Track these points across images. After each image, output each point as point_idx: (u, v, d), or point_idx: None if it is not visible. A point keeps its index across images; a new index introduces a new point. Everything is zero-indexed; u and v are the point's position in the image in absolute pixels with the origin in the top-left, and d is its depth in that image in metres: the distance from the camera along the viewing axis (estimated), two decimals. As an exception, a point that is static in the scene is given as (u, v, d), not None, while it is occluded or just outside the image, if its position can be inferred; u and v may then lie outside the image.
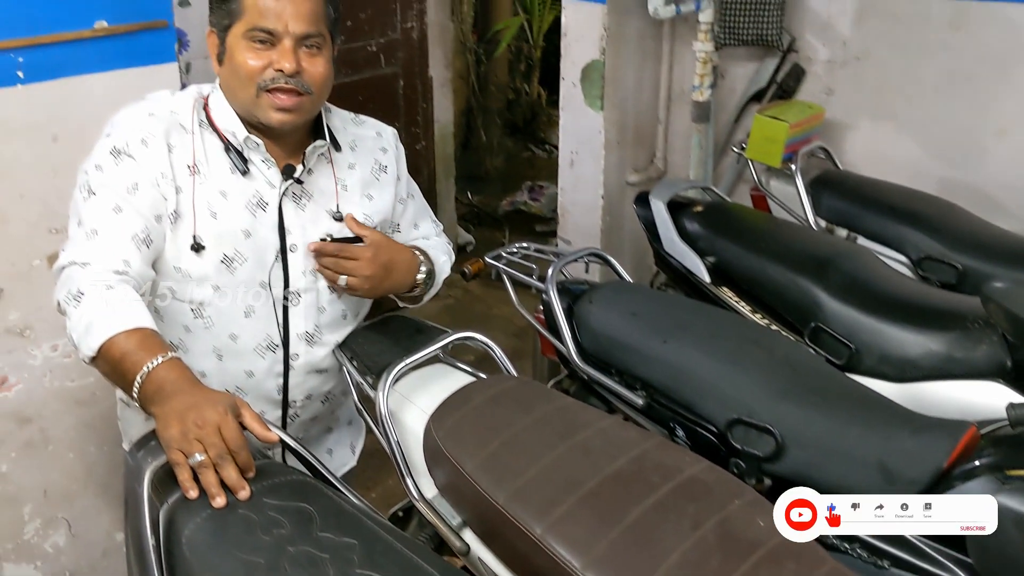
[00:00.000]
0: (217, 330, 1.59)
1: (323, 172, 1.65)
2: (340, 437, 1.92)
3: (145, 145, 1.49)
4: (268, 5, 1.47)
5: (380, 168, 1.73)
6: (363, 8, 3.56)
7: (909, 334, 1.88)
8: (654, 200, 2.38)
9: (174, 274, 1.54)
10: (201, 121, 1.56)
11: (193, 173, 1.53)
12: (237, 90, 1.52)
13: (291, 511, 1.23)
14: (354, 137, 1.71)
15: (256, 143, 1.55)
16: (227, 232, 1.54)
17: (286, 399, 1.69)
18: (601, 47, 3.00)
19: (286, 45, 1.48)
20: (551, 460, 1.40)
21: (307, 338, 1.66)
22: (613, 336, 1.90)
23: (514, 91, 6.29)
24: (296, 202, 1.61)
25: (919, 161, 2.74)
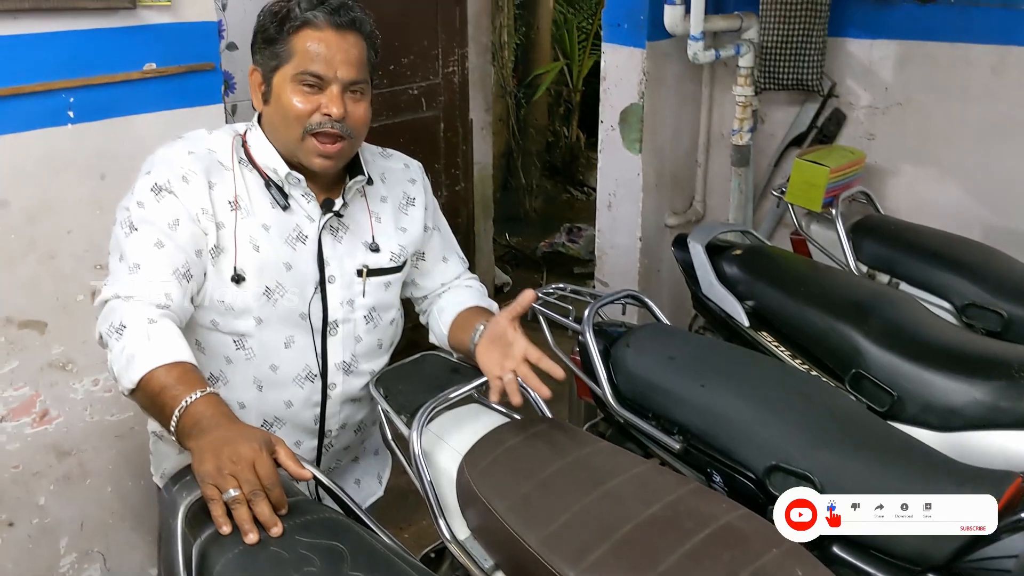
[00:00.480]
0: (258, 361, 1.61)
1: (358, 205, 1.68)
2: (368, 467, 1.93)
3: (186, 182, 1.52)
4: (319, 51, 1.50)
5: (409, 200, 1.76)
6: (406, 54, 3.61)
7: (953, 382, 1.84)
8: (692, 243, 2.36)
9: (217, 307, 1.57)
10: (241, 159, 1.59)
11: (235, 208, 1.55)
12: (281, 130, 1.55)
13: (322, 549, 1.22)
14: (383, 170, 1.74)
15: (297, 179, 1.58)
16: (269, 264, 1.57)
17: (322, 429, 1.71)
18: (640, 91, 3.02)
19: (334, 91, 1.51)
20: (585, 504, 1.38)
21: (344, 367, 1.68)
22: (650, 379, 1.88)
23: (553, 134, 6.35)
24: (334, 235, 1.63)
25: (962, 207, 2.70)
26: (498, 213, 4.77)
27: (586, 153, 6.34)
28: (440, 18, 3.73)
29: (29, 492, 2.05)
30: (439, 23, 3.73)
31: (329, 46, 1.51)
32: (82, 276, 2.00)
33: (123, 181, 1.82)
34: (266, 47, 1.54)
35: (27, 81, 1.82)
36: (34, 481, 2.05)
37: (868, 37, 2.82)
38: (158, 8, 1.94)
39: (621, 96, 3.08)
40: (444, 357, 1.85)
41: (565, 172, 6.47)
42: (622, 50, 3.03)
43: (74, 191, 1.96)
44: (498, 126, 5.47)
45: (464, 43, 3.88)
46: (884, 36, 2.79)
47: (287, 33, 1.51)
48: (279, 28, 1.52)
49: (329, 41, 1.51)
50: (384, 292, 1.71)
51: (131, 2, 1.89)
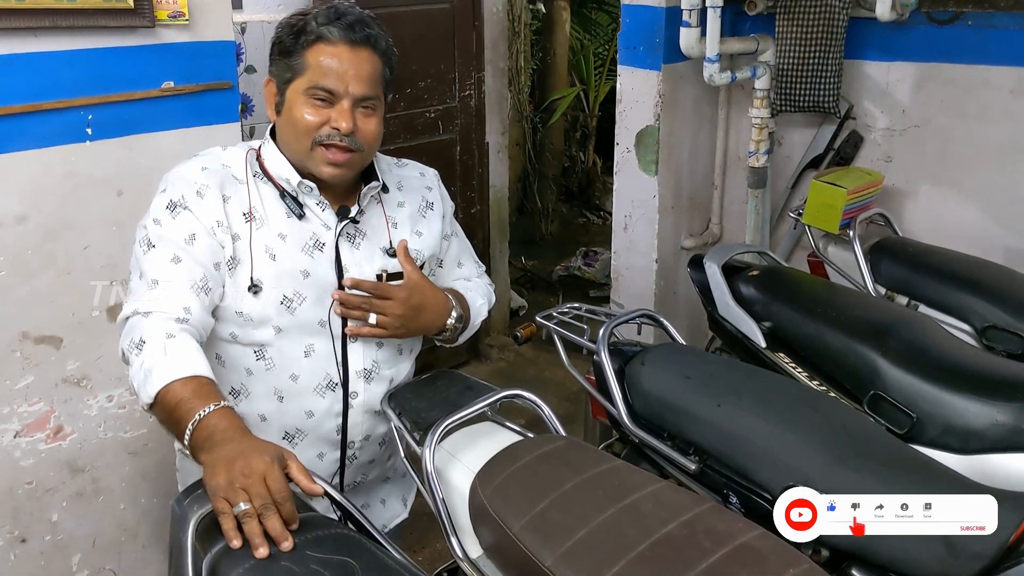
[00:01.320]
0: (278, 371, 1.62)
1: (374, 211, 1.69)
2: (395, 488, 1.92)
3: (200, 197, 1.54)
4: (332, 65, 1.52)
5: (427, 205, 1.77)
6: (423, 77, 3.64)
7: (974, 404, 1.81)
8: (708, 263, 2.35)
9: (236, 318, 1.58)
10: (255, 172, 1.62)
11: (250, 220, 1.57)
12: (291, 141, 1.58)
13: (334, 565, 1.20)
14: (399, 178, 1.76)
15: (309, 187, 1.60)
16: (286, 273, 1.58)
17: (344, 440, 1.70)
18: (656, 113, 3.02)
19: (344, 105, 1.53)
20: (600, 522, 1.36)
21: (365, 375, 1.68)
22: (665, 399, 1.86)
23: (569, 158, 6.37)
24: (351, 241, 1.65)
25: (982, 229, 2.68)
26: (514, 236, 4.77)
27: (602, 178, 6.35)
28: (457, 42, 3.76)
29: (42, 508, 2.05)
30: (456, 47, 3.76)
31: (342, 61, 1.52)
32: (98, 292, 2.01)
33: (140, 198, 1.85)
34: (281, 59, 1.57)
35: (47, 98, 1.84)
36: (47, 497, 2.05)
37: (885, 59, 2.82)
38: (177, 27, 1.96)
39: (637, 118, 3.09)
40: (458, 375, 1.84)
41: (581, 196, 6.49)
42: (638, 72, 3.04)
43: (92, 207, 1.97)
44: (515, 150, 5.49)
45: (481, 67, 3.91)
46: (901, 58, 2.78)
47: (302, 46, 1.54)
48: (294, 41, 1.54)
49: (342, 56, 1.53)
50: None
51: (150, 21, 1.91)
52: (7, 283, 1.92)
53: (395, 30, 3.49)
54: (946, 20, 2.67)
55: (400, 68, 3.57)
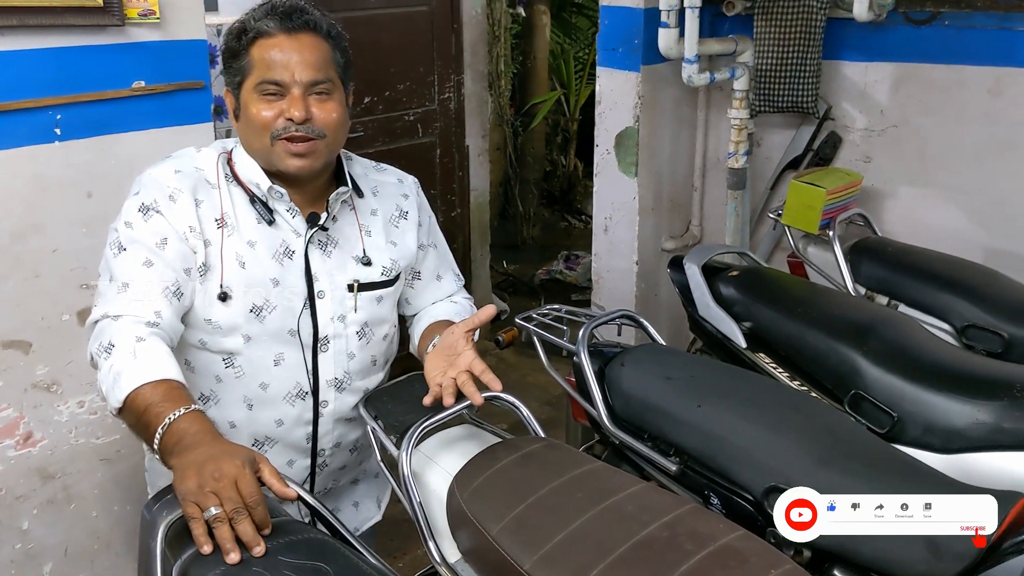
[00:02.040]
0: (248, 379, 1.60)
1: (347, 219, 1.66)
2: (367, 490, 1.90)
3: (172, 201, 1.51)
4: (275, 58, 1.51)
5: (401, 214, 1.74)
6: (402, 80, 3.62)
7: (955, 403, 1.80)
8: (688, 264, 2.34)
9: (204, 326, 1.56)
10: (227, 175, 1.59)
11: (221, 226, 1.55)
12: (253, 141, 1.55)
13: (307, 570, 1.19)
14: (376, 183, 1.73)
15: (280, 192, 1.57)
16: (255, 281, 1.56)
17: (315, 448, 1.68)
18: (635, 114, 3.01)
19: (295, 94, 1.51)
20: (580, 524, 1.34)
21: (336, 384, 1.66)
22: (646, 400, 1.84)
23: (551, 163, 6.36)
24: (322, 249, 1.62)
25: (961, 229, 2.68)
26: (496, 241, 4.76)
27: (583, 182, 6.36)
28: (436, 44, 3.75)
29: (12, 516, 2.01)
30: (435, 50, 3.75)
31: (284, 51, 1.51)
32: (68, 296, 1.97)
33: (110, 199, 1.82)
34: (231, 64, 1.56)
35: (14, 98, 1.81)
36: (17, 505, 2.01)
37: (863, 60, 2.82)
38: (147, 26, 1.93)
39: (616, 120, 3.08)
40: (436, 377, 1.81)
41: (563, 201, 6.49)
42: (617, 74, 3.03)
43: (60, 209, 1.94)
44: (496, 155, 5.48)
45: (460, 70, 3.89)
46: (879, 59, 2.79)
47: (245, 46, 1.52)
48: (238, 42, 1.53)
49: (283, 46, 1.51)
50: (377, 307, 1.69)
51: (120, 19, 1.88)
52: (-26, 286, 1.88)
53: (373, 33, 3.50)
54: (923, 20, 2.67)
55: (378, 71, 3.58)
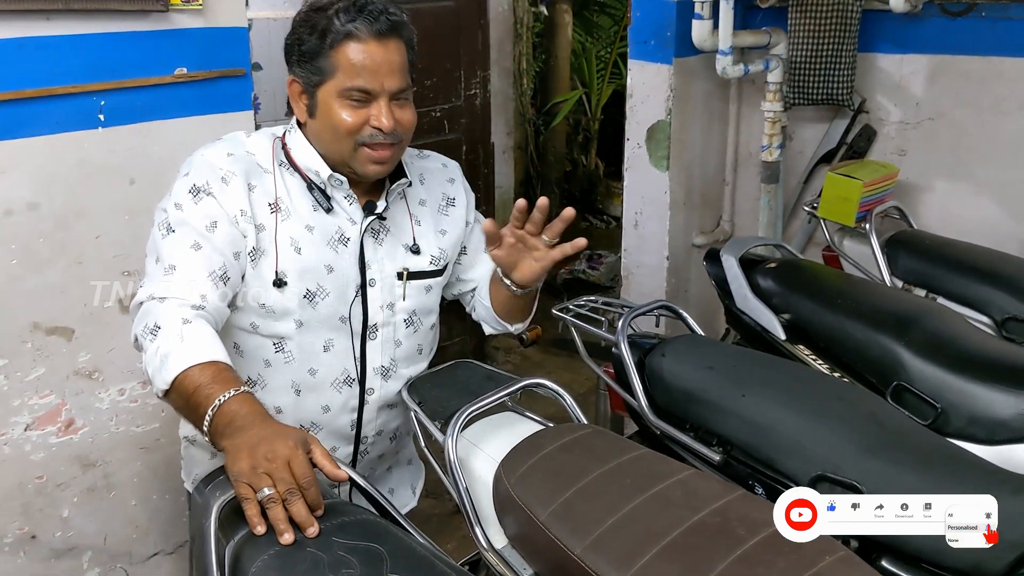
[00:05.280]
0: (297, 364, 1.60)
1: (398, 208, 1.66)
2: (401, 477, 1.90)
3: (225, 183, 1.50)
4: (364, 64, 1.47)
5: (449, 202, 1.75)
6: (429, 76, 3.62)
7: (1000, 394, 1.78)
8: (725, 256, 2.32)
9: (257, 309, 1.55)
10: (281, 162, 1.58)
11: (275, 211, 1.54)
12: (331, 143, 1.54)
13: (361, 550, 1.18)
14: (421, 171, 1.73)
15: (339, 180, 1.57)
16: (310, 267, 1.56)
17: (358, 435, 1.68)
18: (667, 107, 2.99)
19: (382, 104, 1.49)
20: (629, 510, 1.33)
21: (383, 372, 1.66)
22: (688, 390, 1.83)
23: (572, 163, 6.35)
24: (375, 238, 1.62)
25: (998, 222, 2.65)
26: (517, 240, 4.73)
27: (605, 182, 6.33)
28: (463, 41, 3.74)
29: (53, 504, 2.02)
30: (462, 46, 3.74)
31: (374, 58, 1.48)
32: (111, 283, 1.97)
33: (153, 186, 1.82)
34: (307, 61, 1.52)
35: (58, 83, 1.81)
36: (58, 492, 2.01)
37: (898, 52, 2.79)
38: (190, 12, 1.93)
39: (648, 113, 3.06)
40: (478, 365, 1.82)
41: (584, 201, 6.47)
42: (649, 67, 3.01)
43: (103, 196, 1.94)
44: (517, 154, 5.47)
45: (486, 66, 3.88)
46: (914, 51, 2.76)
47: (329, 47, 1.49)
48: (319, 43, 1.49)
49: (373, 53, 1.48)
50: (425, 296, 1.69)
51: (163, 5, 1.89)
52: (17, 273, 1.89)
53: (400, 27, 3.48)
54: (959, 12, 2.65)
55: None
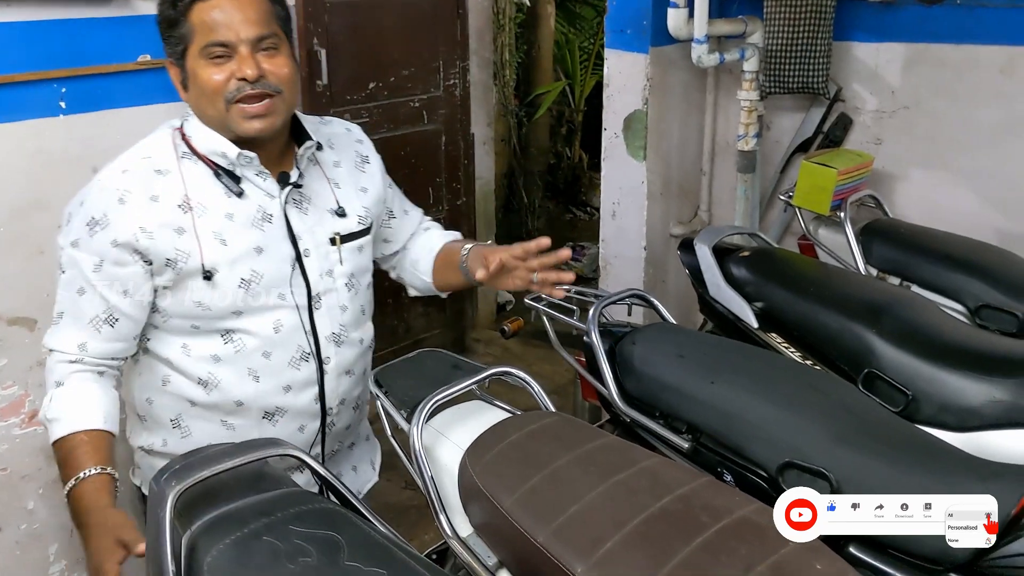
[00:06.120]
0: (250, 352, 1.58)
1: (314, 174, 1.64)
2: (362, 453, 1.89)
3: (122, 204, 1.48)
4: (216, 18, 1.46)
5: (363, 160, 1.74)
6: (407, 65, 3.60)
7: (971, 381, 1.78)
8: (699, 245, 2.32)
9: (195, 310, 1.54)
10: (184, 153, 1.55)
11: (188, 209, 1.51)
12: (207, 108, 1.51)
13: (318, 539, 1.18)
14: (328, 136, 1.71)
15: (249, 158, 1.53)
16: (239, 255, 1.53)
17: (324, 408, 1.66)
18: (644, 97, 2.98)
19: (243, 52, 1.47)
20: (594, 498, 1.33)
21: (335, 339, 1.65)
22: (657, 377, 1.83)
23: (555, 155, 6.33)
24: (299, 207, 1.60)
25: (973, 211, 2.66)
26: (501, 233, 4.74)
27: (588, 174, 6.33)
28: (441, 30, 3.72)
29: (18, 496, 2.00)
30: (440, 35, 3.72)
31: (224, 10, 1.46)
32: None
33: (116, 174, 1.78)
34: (170, 34, 1.51)
35: (18, 70, 1.79)
36: (23, 485, 2.00)
37: (874, 40, 2.79)
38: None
39: (624, 102, 3.05)
40: (446, 354, 1.82)
41: (567, 193, 6.46)
42: (625, 56, 3.00)
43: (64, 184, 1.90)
44: (500, 146, 5.45)
45: (465, 56, 3.87)
46: (890, 39, 2.76)
47: (182, 12, 1.48)
48: (174, 9, 1.48)
49: (222, 6, 1.47)
50: (359, 256, 1.69)
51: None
52: (-24, 263, 1.86)
53: (377, 17, 3.48)
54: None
55: (382, 56, 3.56)
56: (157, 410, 1.63)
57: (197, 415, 1.61)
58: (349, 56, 3.34)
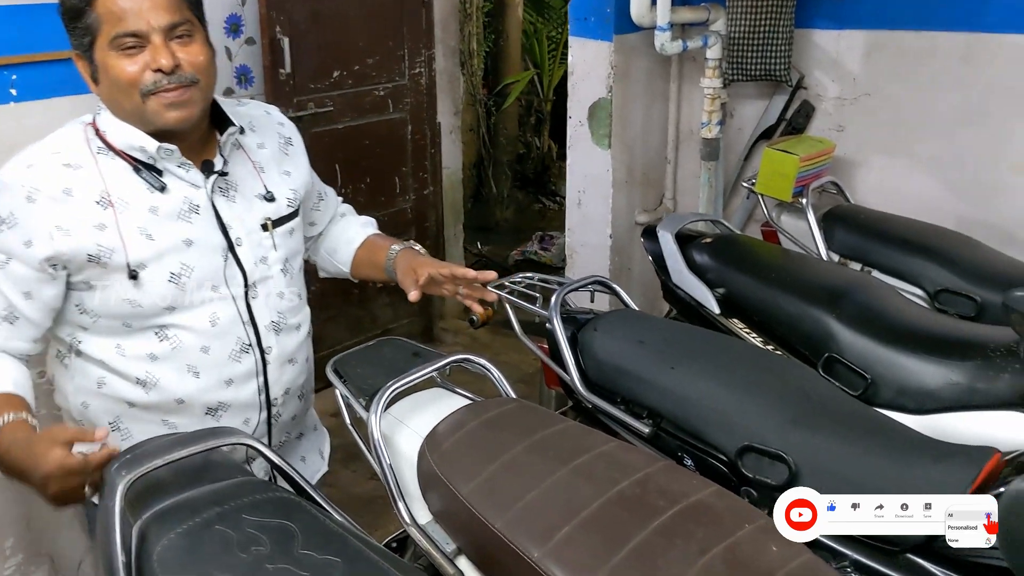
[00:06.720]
0: (187, 348, 1.53)
1: (238, 159, 1.60)
2: (311, 443, 1.87)
3: (31, 202, 1.43)
4: (124, 6, 1.39)
5: (286, 142, 1.71)
6: (371, 54, 3.57)
7: (928, 364, 1.80)
8: (662, 232, 2.33)
9: (126, 308, 1.49)
10: (99, 148, 1.49)
11: (109, 205, 1.45)
12: (122, 102, 1.45)
13: (272, 528, 1.17)
14: (248, 118, 1.66)
15: (169, 151, 1.48)
16: (167, 249, 1.48)
17: (268, 399, 1.63)
18: (608, 85, 2.98)
19: (156, 42, 1.41)
20: (551, 483, 1.33)
21: (275, 327, 1.61)
22: (618, 364, 1.83)
23: (524, 144, 6.33)
24: (226, 195, 1.56)
25: (933, 197, 2.68)
26: (470, 223, 4.72)
27: (558, 163, 6.33)
28: (406, 19, 3.70)
29: (-29, 491, 1.96)
30: (405, 24, 3.70)
31: None
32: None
33: (69, 163, 1.74)
34: (75, 25, 1.43)
35: (-34, 57, 1.75)
36: (-25, 477, 1.96)
37: (835, 28, 2.80)
38: (107, -17, 1.88)
39: (589, 91, 3.05)
40: (405, 342, 1.80)
41: (537, 182, 6.46)
42: (589, 44, 3.00)
43: (16, 173, 1.88)
44: (469, 136, 5.44)
45: (431, 45, 3.84)
46: (851, 26, 2.77)
47: (86, 1, 1.41)
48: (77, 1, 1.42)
49: None
50: (291, 240, 1.66)
51: (80, -25, 1.82)
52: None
53: (341, 5, 3.45)
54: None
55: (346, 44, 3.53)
56: (94, 414, 1.57)
57: (136, 416, 1.55)
58: (313, 44, 3.31)
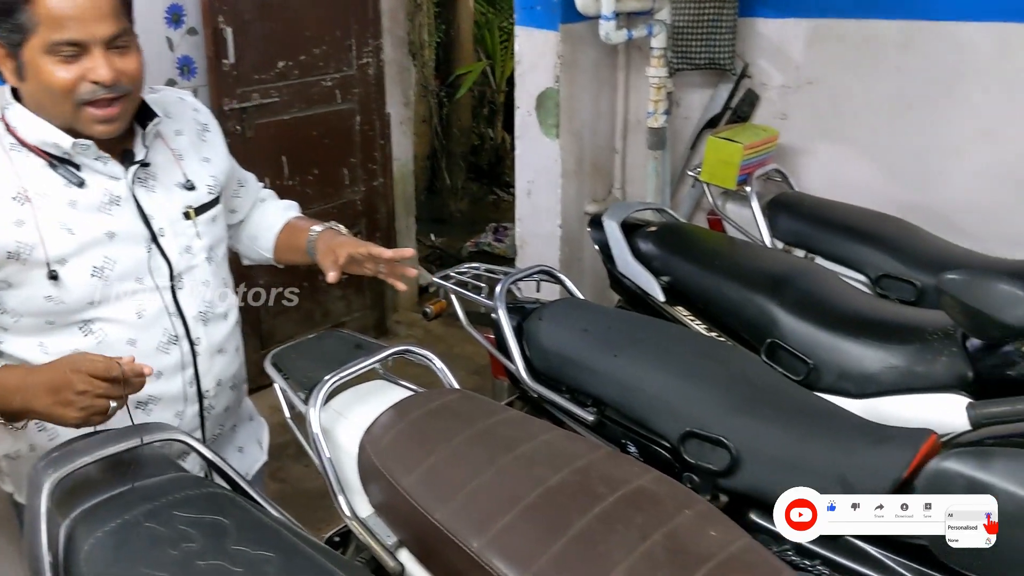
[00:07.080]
0: (112, 342, 1.49)
1: (157, 148, 1.56)
2: (247, 434, 1.84)
3: None
4: (65, 12, 1.33)
5: (203, 128, 1.67)
6: (317, 44, 3.53)
7: (868, 349, 1.83)
8: (607, 221, 2.33)
9: (47, 305, 1.44)
10: (12, 144, 1.44)
11: (25, 201, 1.41)
12: (51, 106, 1.40)
13: (204, 524, 1.15)
14: (163, 105, 1.61)
15: (85, 146, 1.43)
16: (88, 243, 1.44)
17: (200, 391, 1.59)
18: (555, 75, 2.98)
19: (97, 54, 1.36)
20: (492, 473, 1.33)
21: (202, 318, 1.58)
22: (563, 352, 1.83)
23: (478, 136, 6.31)
24: (145, 186, 1.52)
25: (875, 183, 2.71)
26: (423, 215, 4.70)
27: (512, 155, 6.29)
28: (352, 8, 3.66)
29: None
30: (351, 13, 3.66)
31: (76, 4, 1.34)
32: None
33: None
34: (4, 21, 1.36)
35: None
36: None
37: (778, 16, 2.82)
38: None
39: (536, 80, 3.04)
40: (347, 334, 1.79)
41: (491, 174, 6.45)
42: (536, 33, 2.99)
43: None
44: (422, 127, 5.41)
45: (378, 35, 3.81)
46: (794, 15, 2.79)
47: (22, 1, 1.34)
48: None
49: None
50: (214, 227, 1.63)
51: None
52: None
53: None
54: (835, -26, 2.68)
55: (292, 34, 3.48)
56: None
57: None
58: (257, 34, 3.26)
